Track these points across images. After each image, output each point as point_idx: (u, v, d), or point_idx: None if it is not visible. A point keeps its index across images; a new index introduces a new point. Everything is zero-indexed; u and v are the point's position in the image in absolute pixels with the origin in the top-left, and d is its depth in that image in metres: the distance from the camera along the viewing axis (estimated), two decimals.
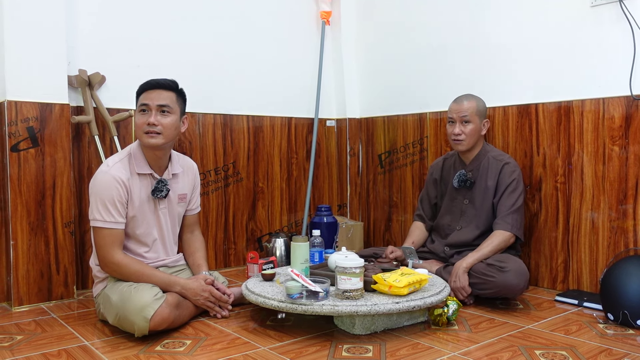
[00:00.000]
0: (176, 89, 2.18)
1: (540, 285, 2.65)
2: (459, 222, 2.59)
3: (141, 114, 2.12)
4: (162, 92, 2.13)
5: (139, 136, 2.13)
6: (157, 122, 2.09)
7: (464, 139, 2.50)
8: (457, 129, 2.50)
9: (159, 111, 2.11)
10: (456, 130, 2.51)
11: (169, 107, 2.12)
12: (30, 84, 2.41)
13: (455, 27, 3.00)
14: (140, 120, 2.11)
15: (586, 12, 2.46)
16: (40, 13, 2.42)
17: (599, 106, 2.43)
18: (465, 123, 2.49)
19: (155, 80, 2.14)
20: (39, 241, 2.44)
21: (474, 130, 2.50)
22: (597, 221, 2.44)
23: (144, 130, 2.09)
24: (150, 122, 2.08)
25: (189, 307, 2.13)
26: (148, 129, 2.09)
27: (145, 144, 2.13)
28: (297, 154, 3.46)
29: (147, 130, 2.09)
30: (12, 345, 1.93)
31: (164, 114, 2.12)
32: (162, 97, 2.12)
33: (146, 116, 2.10)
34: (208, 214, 3.08)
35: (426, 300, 1.97)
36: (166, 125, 2.11)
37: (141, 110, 2.12)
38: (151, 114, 2.10)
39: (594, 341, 1.90)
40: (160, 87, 2.13)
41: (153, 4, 2.88)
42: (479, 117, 2.51)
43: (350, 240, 3.30)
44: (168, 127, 2.12)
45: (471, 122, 2.49)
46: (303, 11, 3.50)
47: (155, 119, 2.09)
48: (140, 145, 2.17)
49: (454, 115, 2.52)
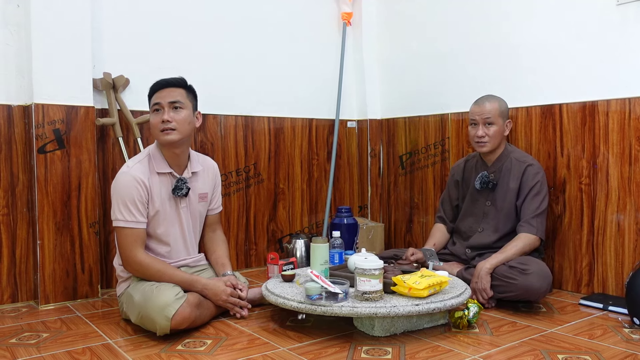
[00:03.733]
0: (185, 85, 2.21)
1: (564, 288, 2.61)
2: (481, 224, 2.56)
3: (155, 114, 2.16)
4: (172, 89, 2.17)
5: (155, 136, 2.17)
6: (170, 118, 2.13)
7: (487, 141, 2.47)
8: (481, 131, 2.47)
9: (171, 108, 2.14)
10: (480, 132, 2.48)
11: (180, 103, 2.16)
12: (56, 87, 2.46)
13: (477, 27, 2.97)
14: (154, 119, 2.15)
15: (611, 11, 2.41)
16: (67, 18, 2.48)
17: (624, 106, 2.38)
18: (488, 125, 2.46)
19: (164, 79, 2.18)
20: (65, 241, 2.49)
21: (498, 131, 2.47)
22: (623, 223, 2.39)
23: (160, 128, 2.13)
24: (165, 119, 2.12)
25: (210, 306, 2.15)
26: (163, 127, 2.12)
27: (162, 142, 2.16)
28: (318, 155, 3.47)
29: (162, 128, 2.13)
30: (38, 342, 1.98)
31: (177, 110, 2.15)
32: (173, 94, 2.16)
33: (160, 115, 2.14)
34: (229, 214, 3.11)
35: (446, 303, 1.96)
36: (180, 121, 2.14)
37: (154, 110, 2.16)
38: (164, 111, 2.13)
39: (619, 346, 1.86)
40: (170, 85, 2.17)
41: (176, 8, 2.92)
42: (501, 118, 2.48)
43: (371, 242, 3.30)
44: (182, 122, 2.15)
45: (494, 124, 2.46)
46: (324, 12, 3.51)
47: (169, 115, 2.13)
48: (159, 144, 2.21)
49: (477, 117, 2.49)
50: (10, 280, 2.48)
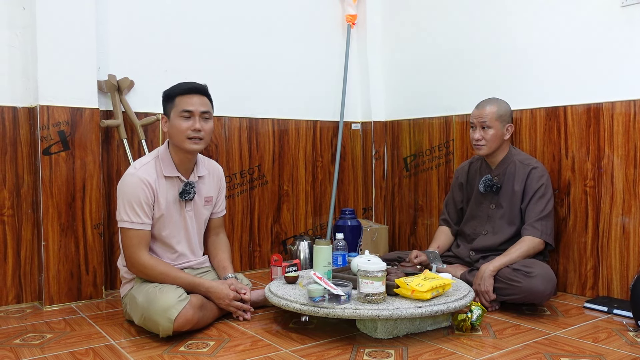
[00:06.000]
0: (209, 95, 2.22)
1: (568, 291, 2.59)
2: (485, 227, 2.55)
3: (184, 119, 2.13)
4: (202, 97, 2.17)
5: (179, 140, 2.14)
6: (201, 128, 2.13)
7: (484, 144, 2.48)
8: (478, 135, 2.48)
9: (202, 117, 2.15)
10: (476, 135, 2.49)
11: (209, 114, 2.18)
12: (61, 89, 2.47)
13: (481, 29, 2.97)
14: (183, 125, 2.12)
15: (616, 13, 2.40)
16: (72, 21, 2.49)
17: (629, 108, 2.37)
18: (485, 128, 2.47)
19: (193, 84, 2.16)
20: (69, 242, 2.50)
21: (495, 135, 2.47)
22: (628, 226, 2.38)
23: (188, 135, 2.12)
24: (197, 128, 2.12)
25: (213, 308, 2.15)
26: (193, 135, 2.12)
27: (187, 149, 2.15)
28: (322, 157, 3.47)
29: (191, 136, 2.13)
30: (42, 343, 1.98)
31: (207, 121, 2.17)
32: (204, 103, 2.16)
33: (190, 122, 2.13)
34: (234, 216, 3.12)
35: (449, 305, 1.95)
36: (207, 131, 2.18)
37: (184, 115, 2.13)
38: (195, 120, 2.13)
39: (623, 349, 1.85)
40: (199, 93, 2.16)
41: (180, 10, 2.93)
42: (500, 123, 2.47)
43: (375, 244, 3.29)
44: (209, 133, 2.19)
45: (492, 128, 2.46)
46: (328, 14, 3.52)
47: (200, 124, 2.13)
48: (169, 148, 2.21)
49: (474, 121, 2.51)
50: (15, 281, 2.50)
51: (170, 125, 2.17)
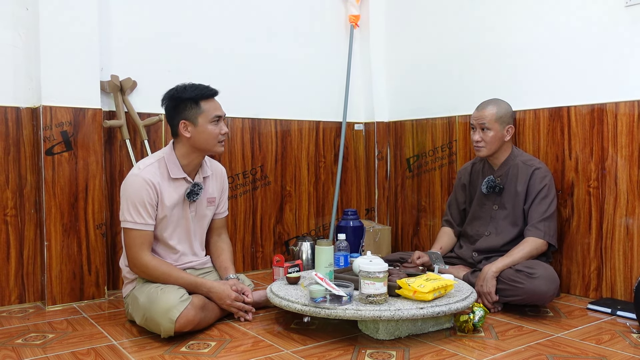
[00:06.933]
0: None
1: (572, 292, 2.58)
2: (488, 228, 2.54)
3: (215, 125, 2.19)
4: (218, 101, 2.25)
5: (211, 145, 2.20)
6: (227, 131, 2.25)
7: (483, 145, 2.48)
8: (477, 136, 2.49)
9: (225, 121, 2.26)
10: (476, 137, 2.49)
11: (225, 117, 2.28)
12: (64, 89, 2.48)
13: (484, 29, 2.96)
14: (215, 130, 2.19)
15: (620, 12, 2.39)
16: (74, 21, 2.50)
17: (633, 108, 2.35)
18: (484, 130, 2.46)
19: (212, 88, 2.23)
20: (72, 242, 2.51)
21: (494, 137, 2.46)
22: (632, 227, 2.36)
23: (219, 139, 2.21)
24: (226, 131, 2.23)
25: (215, 309, 2.15)
26: (222, 138, 2.22)
27: (217, 152, 2.24)
28: (324, 157, 3.47)
29: (222, 140, 2.22)
30: (44, 343, 1.99)
31: (226, 124, 2.28)
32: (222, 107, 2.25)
33: (220, 126, 2.21)
34: (236, 217, 3.12)
35: (451, 306, 1.94)
36: (228, 134, 2.34)
37: (215, 121, 2.19)
38: (223, 124, 2.22)
39: (626, 351, 1.84)
40: (215, 96, 2.24)
41: (183, 10, 2.94)
42: (499, 124, 2.46)
43: (377, 245, 3.29)
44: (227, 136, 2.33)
45: (491, 130, 2.46)
46: (331, 15, 3.51)
47: (226, 129, 2.25)
48: (175, 150, 2.22)
49: (474, 122, 2.51)
50: (17, 281, 2.50)
51: (199, 130, 2.17)
